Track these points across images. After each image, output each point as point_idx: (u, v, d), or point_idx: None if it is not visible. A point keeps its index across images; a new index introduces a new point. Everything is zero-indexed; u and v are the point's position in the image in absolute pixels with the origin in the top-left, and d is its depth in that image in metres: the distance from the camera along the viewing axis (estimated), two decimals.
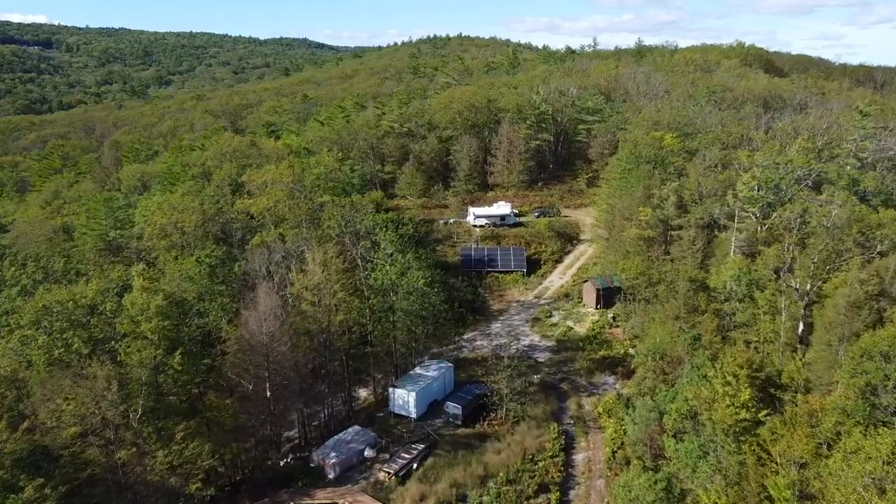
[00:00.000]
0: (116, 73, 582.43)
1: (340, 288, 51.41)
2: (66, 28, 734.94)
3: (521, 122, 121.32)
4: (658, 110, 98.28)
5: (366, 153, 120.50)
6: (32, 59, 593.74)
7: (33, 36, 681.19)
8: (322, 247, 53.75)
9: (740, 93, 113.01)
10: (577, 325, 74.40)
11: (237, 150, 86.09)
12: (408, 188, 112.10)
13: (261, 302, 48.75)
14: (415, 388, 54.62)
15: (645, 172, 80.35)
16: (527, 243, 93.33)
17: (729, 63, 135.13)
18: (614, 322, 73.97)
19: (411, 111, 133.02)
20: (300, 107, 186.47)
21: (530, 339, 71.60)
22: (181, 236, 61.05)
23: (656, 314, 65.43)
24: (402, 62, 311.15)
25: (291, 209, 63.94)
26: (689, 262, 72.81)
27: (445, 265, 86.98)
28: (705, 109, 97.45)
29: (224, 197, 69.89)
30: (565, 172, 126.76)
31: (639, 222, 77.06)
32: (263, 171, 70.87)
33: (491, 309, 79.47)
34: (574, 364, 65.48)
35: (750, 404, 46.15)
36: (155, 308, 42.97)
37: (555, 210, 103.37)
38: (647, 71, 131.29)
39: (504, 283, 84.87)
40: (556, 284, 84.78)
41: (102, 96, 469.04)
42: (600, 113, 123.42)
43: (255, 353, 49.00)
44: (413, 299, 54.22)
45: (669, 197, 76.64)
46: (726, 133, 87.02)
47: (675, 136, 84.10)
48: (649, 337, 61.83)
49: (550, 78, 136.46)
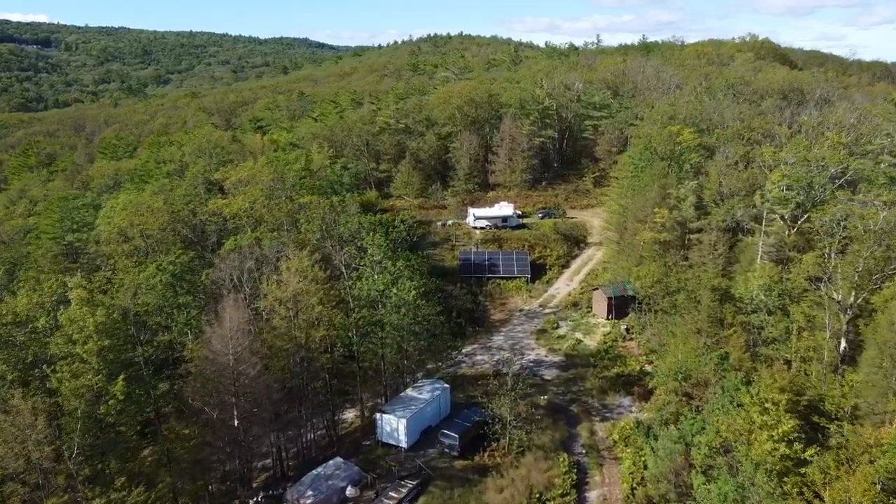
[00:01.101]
0: (115, 72, 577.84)
1: (320, 301, 44.79)
2: (66, 27, 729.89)
3: (524, 118, 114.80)
4: (672, 104, 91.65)
5: (360, 151, 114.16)
6: (30, 57, 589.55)
7: (32, 35, 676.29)
8: (298, 253, 47.14)
9: (759, 86, 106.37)
10: (586, 337, 67.76)
11: (218, 146, 79.43)
12: (404, 188, 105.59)
13: (226, 317, 42.14)
14: (405, 413, 47.99)
15: (660, 170, 73.72)
16: (531, 247, 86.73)
17: (744, 56, 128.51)
18: (628, 334, 67.34)
19: (409, 107, 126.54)
20: (296, 104, 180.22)
21: (536, 354, 64.95)
22: (144, 240, 54.52)
23: (676, 327, 58.81)
24: (402, 60, 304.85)
25: (270, 210, 57.41)
26: (710, 268, 66.15)
27: (443, 271, 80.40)
28: (723, 103, 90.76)
29: (197, 196, 63.32)
30: (570, 171, 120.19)
31: (654, 224, 70.47)
32: (239, 167, 64.39)
33: (492, 319, 72.84)
34: (584, 383, 58.84)
35: (793, 437, 39.56)
36: (94, 325, 36.39)
37: (560, 211, 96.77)
38: (657, 64, 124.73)
39: (506, 291, 78.26)
40: (563, 292, 78.14)
41: (100, 95, 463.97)
42: (608, 108, 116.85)
43: (220, 376, 42.41)
44: (403, 313, 47.61)
45: (688, 197, 70.00)
46: (747, 128, 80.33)
47: (692, 132, 77.41)
48: (669, 354, 55.24)
49: (554, 72, 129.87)
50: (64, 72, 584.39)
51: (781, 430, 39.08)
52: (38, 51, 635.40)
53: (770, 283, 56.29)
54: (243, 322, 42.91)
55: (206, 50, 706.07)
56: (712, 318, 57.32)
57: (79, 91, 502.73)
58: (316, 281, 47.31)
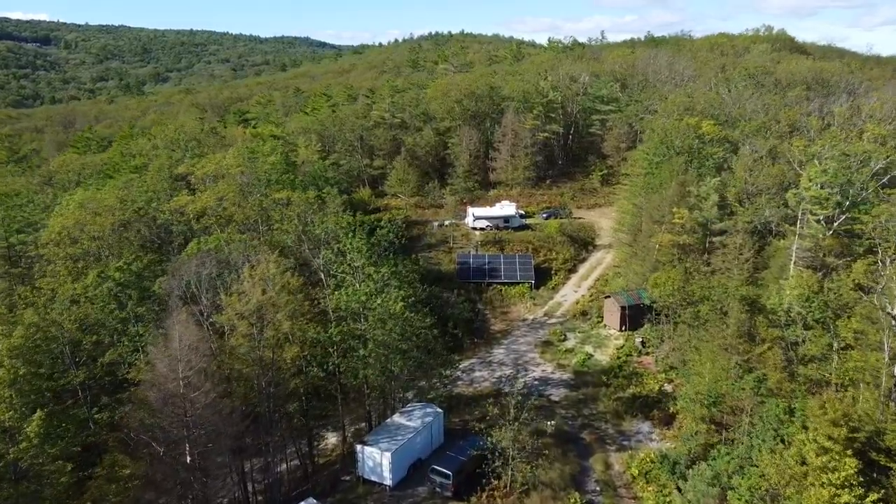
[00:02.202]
0: (113, 70, 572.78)
1: (290, 314, 37.98)
2: (66, 25, 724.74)
3: (527, 112, 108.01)
4: (689, 95, 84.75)
5: (352, 146, 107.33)
6: (29, 55, 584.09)
7: (32, 32, 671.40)
8: (265, 258, 40.34)
9: (780, 76, 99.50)
10: (597, 351, 60.92)
11: (193, 138, 72.52)
12: (399, 185, 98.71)
13: (175, 335, 35.36)
14: (390, 445, 41.18)
15: (678, 166, 66.83)
16: (534, 249, 79.89)
17: (760, 47, 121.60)
18: (643, 348, 60.48)
19: (405, 100, 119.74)
20: (291, 100, 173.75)
21: (541, 370, 58.13)
22: (92, 242, 47.80)
23: (700, 342, 52.00)
24: (402, 57, 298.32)
25: (241, 208, 50.64)
26: (736, 275, 59.33)
27: (438, 275, 73.61)
28: (744, 94, 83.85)
29: (163, 192, 56.56)
30: (576, 169, 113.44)
31: (672, 226, 63.65)
32: (206, 160, 57.60)
33: (492, 330, 66.03)
34: (597, 404, 52.05)
35: (854, 481, 32.85)
36: (8, 349, 29.62)
37: (567, 211, 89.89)
38: (669, 55, 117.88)
39: (508, 298, 71.41)
40: (571, 299, 71.28)
41: (97, 93, 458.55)
42: (616, 102, 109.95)
43: (167, 405, 35.64)
44: (389, 327, 40.79)
45: (710, 196, 63.15)
46: (773, 120, 73.39)
47: (713, 124, 70.50)
48: (695, 374, 48.42)
49: (559, 65, 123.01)
50: (62, 69, 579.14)
51: (843, 473, 32.40)
52: (36, 48, 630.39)
53: (809, 293, 49.49)
54: (196, 340, 36.10)
55: (206, 48, 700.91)
56: (742, 332, 50.52)
57: (76, 89, 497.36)
58: (287, 290, 40.52)
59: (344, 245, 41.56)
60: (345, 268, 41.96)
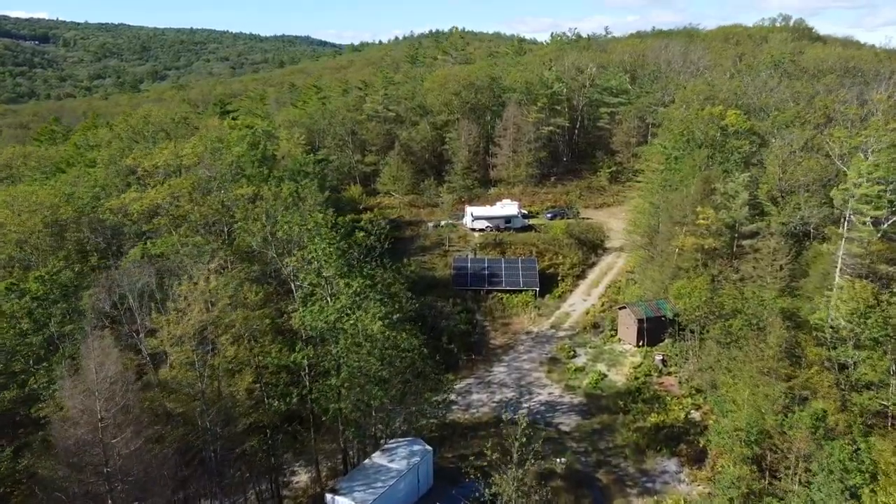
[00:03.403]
0: (111, 68, 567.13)
1: (241, 336, 30.69)
2: (65, 23, 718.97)
3: (530, 105, 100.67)
4: (710, 83, 77.31)
5: (343, 141, 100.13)
6: (26, 52, 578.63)
7: (31, 31, 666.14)
8: (203, 268, 33.06)
9: (809, 64, 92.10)
10: (611, 370, 53.56)
11: (162, 128, 65.15)
12: (392, 183, 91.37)
13: (90, 365, 28.07)
14: (367, 496, 33.88)
15: (701, 161, 59.48)
16: (539, 253, 72.59)
17: (780, 36, 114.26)
18: (664, 367, 53.10)
19: (401, 93, 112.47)
20: (286, 96, 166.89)
21: (548, 393, 50.78)
22: (18, 248, 40.46)
23: (733, 363, 44.68)
24: (401, 53, 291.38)
25: (198, 205, 43.30)
26: (770, 283, 52.03)
27: (432, 282, 66.40)
28: (770, 82, 76.39)
29: (114, 188, 49.22)
30: (583, 166, 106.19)
31: (695, 228, 56.33)
32: (158, 149, 50.26)
33: (492, 344, 58.69)
34: (614, 436, 44.71)
35: None
36: None
37: (574, 210, 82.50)
38: (682, 44, 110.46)
39: (510, 307, 64.09)
40: (580, 309, 63.96)
41: (93, 90, 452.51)
42: (626, 94, 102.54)
43: (83, 451, 28.39)
44: (366, 351, 33.50)
45: (739, 193, 55.85)
46: (807, 109, 65.94)
47: (738, 114, 63.11)
48: (728, 401, 41.10)
49: (564, 55, 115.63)
50: (60, 67, 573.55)
51: None
52: (34, 46, 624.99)
53: (864, 309, 42.18)
54: (119, 371, 28.80)
55: (205, 47, 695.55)
56: (785, 352, 43.18)
57: (72, 86, 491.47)
58: (243, 305, 33.22)
59: (310, 251, 34.31)
60: (312, 278, 34.73)
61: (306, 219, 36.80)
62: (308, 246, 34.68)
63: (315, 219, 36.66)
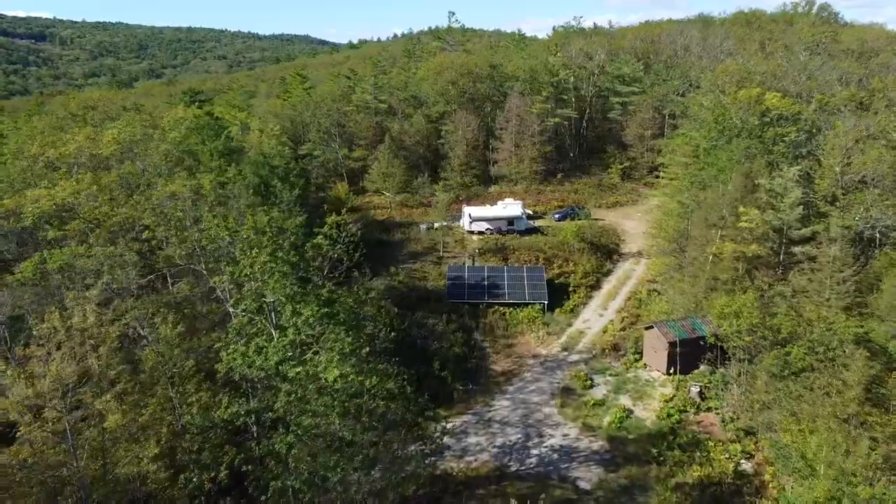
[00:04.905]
0: (107, 66, 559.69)
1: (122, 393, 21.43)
2: (62, 22, 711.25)
3: (534, 94, 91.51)
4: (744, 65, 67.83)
5: (329, 134, 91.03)
6: (21, 51, 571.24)
7: (27, 29, 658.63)
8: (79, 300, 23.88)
9: (853, 43, 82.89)
10: (638, 404, 44.26)
11: (108, 116, 55.63)
12: (382, 180, 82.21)
13: None
14: None
15: (740, 151, 50.17)
16: (546, 260, 63.43)
17: (808, 18, 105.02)
18: (702, 399, 43.79)
19: (393, 82, 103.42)
20: (277, 90, 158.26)
21: (562, 435, 41.47)
22: None
23: (797, 401, 35.52)
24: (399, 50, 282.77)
25: (120, 207, 34.02)
26: (832, 300, 42.84)
27: (424, 295, 57.29)
28: (811, 63, 67.02)
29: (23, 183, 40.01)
30: (592, 162, 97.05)
31: (736, 232, 47.15)
32: (70, 135, 40.93)
33: (493, 371, 49.38)
34: (648, 498, 35.38)
35: None
36: None
37: (585, 211, 73.17)
38: (700, 29, 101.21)
39: (514, 325, 54.83)
40: (596, 326, 54.73)
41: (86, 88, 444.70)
42: (639, 82, 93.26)
43: None
44: (323, 405, 24.24)
45: (789, 191, 46.57)
46: (866, 90, 56.70)
47: (780, 97, 53.84)
48: (801, 458, 31.87)
49: (571, 42, 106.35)
50: (55, 65, 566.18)
51: None
52: (29, 44, 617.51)
53: None
54: None
55: (203, 45, 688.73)
56: (865, 394, 34.03)
57: (66, 84, 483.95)
58: (158, 341, 23.91)
59: (242, 266, 25.06)
60: (248, 304, 25.54)
61: (252, 222, 27.29)
62: (240, 259, 25.44)
63: (254, 221, 27.32)
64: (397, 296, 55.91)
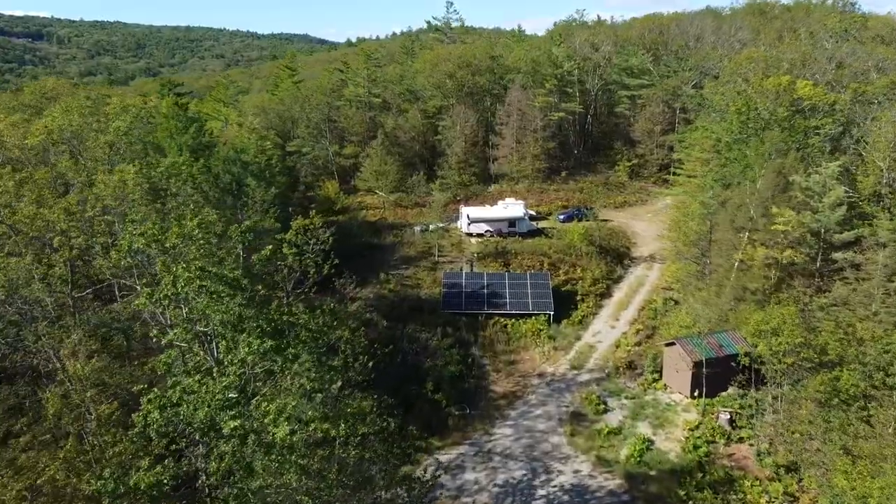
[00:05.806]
0: (103, 65, 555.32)
1: None
2: (59, 21, 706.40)
3: (537, 87, 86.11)
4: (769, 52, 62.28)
5: (319, 129, 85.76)
6: (17, 49, 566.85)
7: (24, 28, 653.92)
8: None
9: (884, 31, 77.56)
10: (658, 433, 38.82)
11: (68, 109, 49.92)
12: (375, 178, 76.74)
13: None
14: None
15: (773, 145, 44.72)
16: (552, 265, 58.01)
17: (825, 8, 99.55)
18: (733, 428, 38.34)
19: (388, 76, 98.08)
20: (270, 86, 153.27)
21: (573, 471, 36.04)
22: None
23: (859, 444, 30.09)
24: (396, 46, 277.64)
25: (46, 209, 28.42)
26: (881, 314, 37.48)
27: (417, 304, 51.87)
28: (840, 51, 61.51)
29: None
30: (598, 159, 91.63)
31: (768, 235, 41.78)
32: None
33: (493, 392, 43.93)
34: None
35: None
36: None
37: (593, 212, 67.79)
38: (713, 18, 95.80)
39: (517, 338, 49.41)
40: (607, 340, 49.31)
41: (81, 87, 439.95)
42: (648, 75, 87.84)
43: None
44: (275, 466, 18.84)
45: (830, 189, 41.17)
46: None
47: (812, 85, 48.41)
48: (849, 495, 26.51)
49: (575, 33, 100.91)
50: (51, 64, 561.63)
51: None
52: (25, 43, 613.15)
53: None
54: None
55: (201, 44, 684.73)
56: None
57: None
58: (62, 382, 18.38)
59: (165, 285, 19.61)
60: (179, 334, 20.09)
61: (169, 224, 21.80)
62: (162, 276, 19.98)
63: (181, 227, 21.80)
64: (387, 305, 50.65)
